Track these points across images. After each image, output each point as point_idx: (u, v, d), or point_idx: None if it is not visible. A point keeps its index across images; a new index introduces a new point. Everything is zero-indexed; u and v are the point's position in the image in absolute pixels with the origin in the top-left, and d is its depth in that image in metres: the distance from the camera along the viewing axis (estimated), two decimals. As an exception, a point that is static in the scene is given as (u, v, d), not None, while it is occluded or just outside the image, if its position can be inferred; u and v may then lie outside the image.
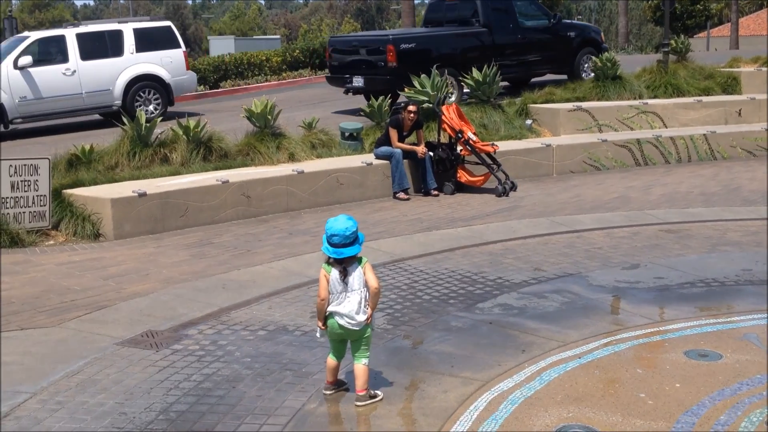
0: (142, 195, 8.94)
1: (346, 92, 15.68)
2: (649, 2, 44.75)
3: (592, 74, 15.66)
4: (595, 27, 17.87)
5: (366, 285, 4.51)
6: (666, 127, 14.05)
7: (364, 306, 4.51)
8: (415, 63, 13.95)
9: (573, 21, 19.42)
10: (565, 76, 16.56)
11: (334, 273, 4.49)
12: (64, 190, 9.27)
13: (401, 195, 10.65)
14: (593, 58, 15.61)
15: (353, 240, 4.44)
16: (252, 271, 7.27)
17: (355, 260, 4.52)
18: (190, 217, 9.25)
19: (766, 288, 6.52)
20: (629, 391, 4.67)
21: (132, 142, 10.61)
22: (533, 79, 17.09)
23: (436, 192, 10.84)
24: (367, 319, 4.52)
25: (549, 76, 16.83)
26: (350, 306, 4.49)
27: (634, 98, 14.73)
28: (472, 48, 15.29)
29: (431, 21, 16.80)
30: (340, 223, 4.44)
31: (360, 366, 4.56)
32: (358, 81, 15.01)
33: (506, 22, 15.75)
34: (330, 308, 4.53)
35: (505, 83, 15.96)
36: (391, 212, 9.88)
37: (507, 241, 8.25)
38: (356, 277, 4.49)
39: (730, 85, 15.82)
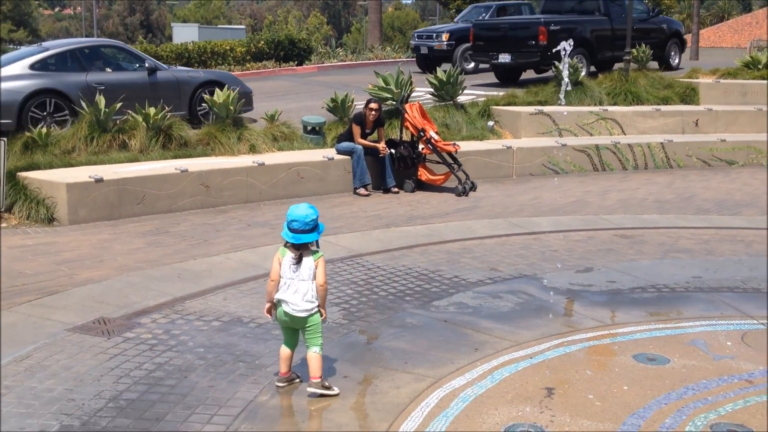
0: (99, 180, 8.83)
1: (491, 67, 18.84)
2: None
3: (677, 61, 19.82)
4: (678, 21, 21.00)
5: (315, 279, 4.60)
6: (624, 134, 14.25)
7: (311, 297, 4.57)
8: (558, 42, 16.01)
9: (664, 16, 21.88)
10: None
11: (288, 257, 4.59)
12: (19, 173, 9.12)
13: (361, 191, 10.66)
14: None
15: (312, 228, 4.55)
16: (208, 262, 7.23)
17: (311, 251, 4.58)
18: (147, 204, 9.16)
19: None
20: (578, 392, 4.74)
21: (90, 127, 10.48)
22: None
23: (396, 189, 10.87)
24: (317, 311, 4.59)
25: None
26: (297, 294, 4.57)
27: (595, 104, 14.91)
28: (597, 32, 17.87)
29: (550, 10, 19.45)
30: (301, 209, 4.57)
31: (311, 354, 4.61)
32: (504, 57, 17.77)
33: (619, 13, 18.23)
34: (277, 295, 4.60)
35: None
36: (350, 207, 9.88)
37: (465, 241, 8.30)
38: (307, 267, 4.58)
39: (689, 96, 16.09)
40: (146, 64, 13.15)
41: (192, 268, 7.02)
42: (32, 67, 12.20)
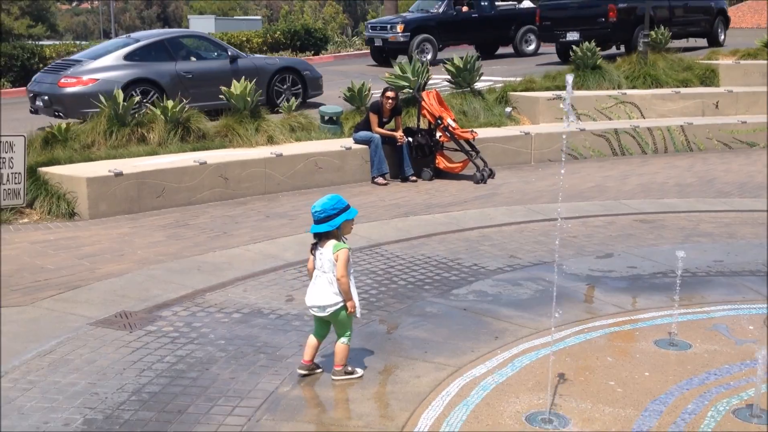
0: (119, 174, 8.88)
1: (558, 45, 19.77)
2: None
3: (723, 37, 21.35)
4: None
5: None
6: (644, 118, 14.14)
7: (333, 292, 4.58)
8: (624, 20, 18.73)
9: None
10: (704, 41, 21.43)
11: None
12: (40, 168, 9.20)
13: (379, 180, 10.65)
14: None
15: (320, 219, 4.57)
16: (228, 254, 7.26)
17: (331, 242, 4.58)
18: (166, 197, 9.21)
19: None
20: (599, 378, 4.72)
21: (109, 121, 10.54)
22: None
23: (414, 178, 10.86)
24: (341, 306, 4.60)
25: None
26: (315, 289, 4.63)
27: (613, 88, 14.80)
28: (658, 9, 19.08)
29: None
30: (318, 201, 4.62)
31: (338, 344, 4.69)
32: (572, 35, 18.88)
33: None
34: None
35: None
36: (369, 197, 9.88)
37: (483, 228, 8.28)
38: (327, 259, 4.59)
39: (708, 77, 15.93)
40: (228, 53, 13.88)
41: (212, 260, 7.06)
42: (126, 57, 12.99)
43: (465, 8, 21.38)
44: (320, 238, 4.62)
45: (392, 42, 20.77)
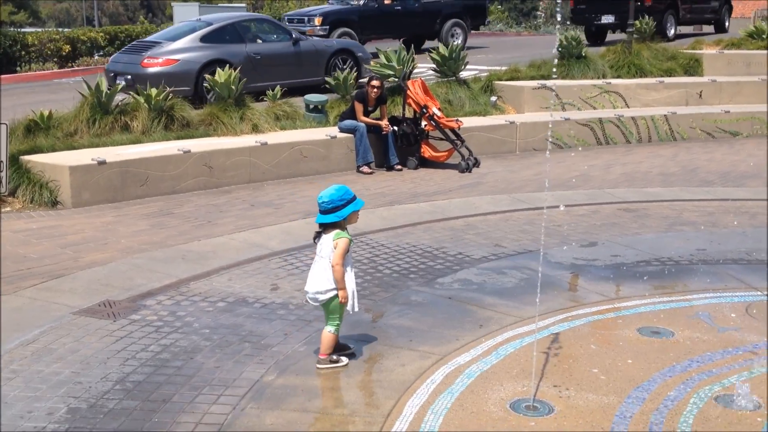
0: (102, 163, 8.83)
1: (592, 28, 20.73)
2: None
3: (728, 24, 23.12)
4: None
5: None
6: (628, 107, 14.18)
7: (326, 278, 4.58)
8: (657, 5, 20.09)
9: None
10: (711, 29, 23.22)
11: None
12: (22, 156, 9.12)
13: (365, 169, 10.64)
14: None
15: (326, 210, 4.59)
16: (212, 243, 7.24)
17: (333, 231, 4.61)
18: (150, 186, 9.17)
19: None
20: (583, 366, 4.75)
21: (92, 109, 10.45)
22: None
23: (399, 167, 10.85)
24: (332, 296, 4.62)
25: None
26: (311, 275, 4.68)
27: (598, 78, 14.81)
28: None
29: None
30: (325, 191, 4.63)
31: (324, 332, 4.72)
32: (608, 18, 20.31)
33: None
34: None
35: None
36: (354, 186, 9.77)
37: (468, 217, 8.30)
38: (326, 246, 4.61)
39: (692, 67, 15.98)
40: (292, 35, 14.80)
41: (196, 249, 7.03)
42: (202, 39, 13.68)
43: (388, 0, 20.46)
44: (325, 228, 4.63)
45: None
